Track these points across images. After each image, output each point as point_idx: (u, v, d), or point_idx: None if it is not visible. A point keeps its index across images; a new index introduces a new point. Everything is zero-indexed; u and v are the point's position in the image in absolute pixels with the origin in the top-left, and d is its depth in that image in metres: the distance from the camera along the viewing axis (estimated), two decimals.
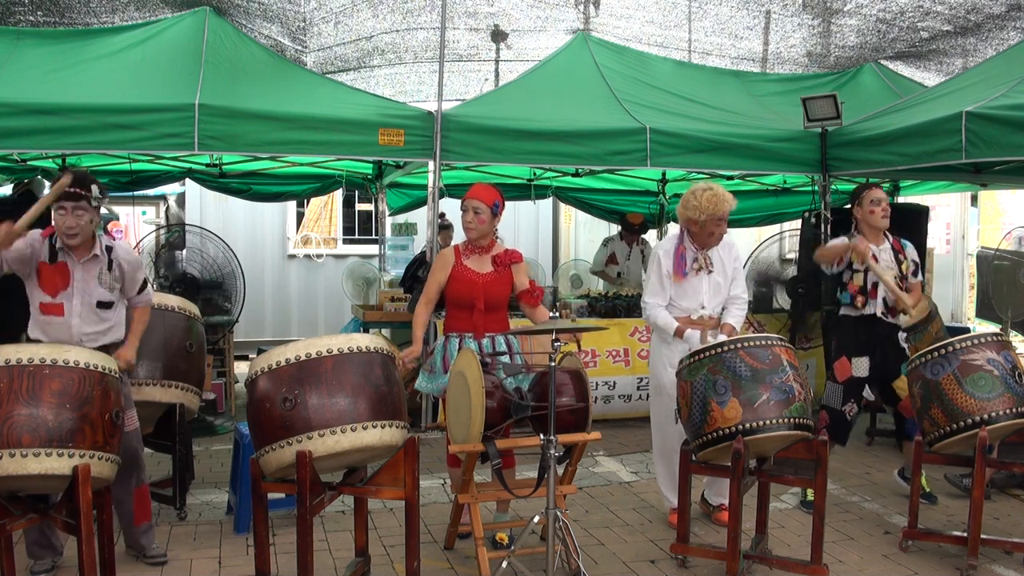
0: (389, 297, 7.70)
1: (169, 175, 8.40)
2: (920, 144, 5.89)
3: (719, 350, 3.82)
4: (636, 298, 7.20)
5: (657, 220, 9.66)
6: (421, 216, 9.62)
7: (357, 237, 11.68)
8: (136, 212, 12.03)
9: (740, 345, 3.81)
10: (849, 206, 5.08)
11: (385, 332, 7.83)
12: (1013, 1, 7.59)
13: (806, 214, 7.73)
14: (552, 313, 3.67)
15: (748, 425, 3.69)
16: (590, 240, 11.69)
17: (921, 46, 8.55)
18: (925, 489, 5.00)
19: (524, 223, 11.67)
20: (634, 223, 8.80)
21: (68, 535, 3.48)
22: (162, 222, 11.12)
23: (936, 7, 7.79)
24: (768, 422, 3.68)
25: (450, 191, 7.74)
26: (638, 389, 7.03)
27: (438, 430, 6.53)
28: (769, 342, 3.86)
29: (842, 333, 4.97)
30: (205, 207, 10.37)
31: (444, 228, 7.78)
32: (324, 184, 8.97)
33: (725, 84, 8.21)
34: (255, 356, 4.11)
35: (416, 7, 7.94)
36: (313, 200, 11.02)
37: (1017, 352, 4.23)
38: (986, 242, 10.67)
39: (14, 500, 3.29)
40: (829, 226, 7.10)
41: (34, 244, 3.76)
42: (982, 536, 4.04)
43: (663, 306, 4.53)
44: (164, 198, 11.30)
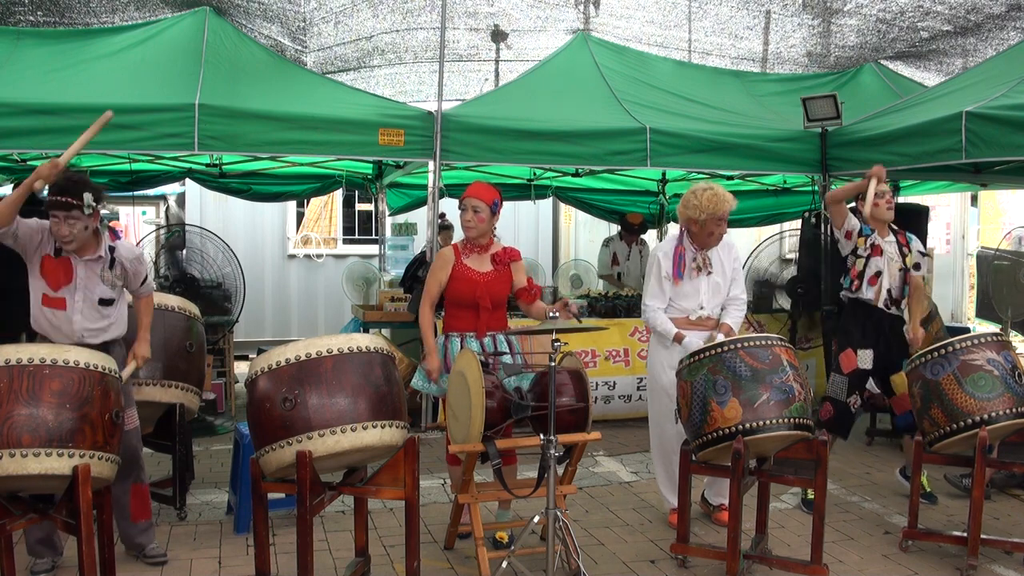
0: (389, 297, 7.70)
1: (169, 175, 8.41)
2: (920, 144, 5.89)
3: (719, 350, 3.82)
4: (636, 298, 7.20)
5: (657, 220, 9.67)
6: (421, 216, 9.62)
7: (357, 237, 11.68)
8: (136, 212, 12.02)
9: (740, 345, 3.81)
10: (853, 202, 5.08)
11: (385, 332, 7.83)
12: (1013, 1, 7.59)
13: (806, 214, 7.74)
14: (552, 313, 3.66)
15: (748, 425, 3.69)
16: (590, 240, 11.69)
17: (921, 46, 8.55)
18: (925, 489, 5.00)
19: (524, 223, 11.66)
20: (634, 223, 8.82)
21: (68, 535, 3.49)
22: (162, 222, 11.12)
23: (936, 7, 7.79)
24: (768, 422, 3.69)
25: (450, 191, 7.73)
26: (638, 389, 7.02)
27: (438, 430, 6.53)
28: (769, 342, 3.86)
29: (847, 324, 4.97)
30: (205, 207, 10.38)
31: (444, 228, 7.78)
32: (324, 184, 8.98)
33: (725, 84, 8.21)
34: (255, 356, 4.12)
35: (416, 7, 7.95)
36: (313, 200, 11.02)
37: (1017, 352, 4.23)
38: (986, 242, 10.66)
39: (14, 500, 3.29)
40: (829, 226, 7.10)
41: (43, 233, 3.78)
42: (982, 536, 4.04)
43: (662, 309, 4.52)
44: (164, 198, 11.30)
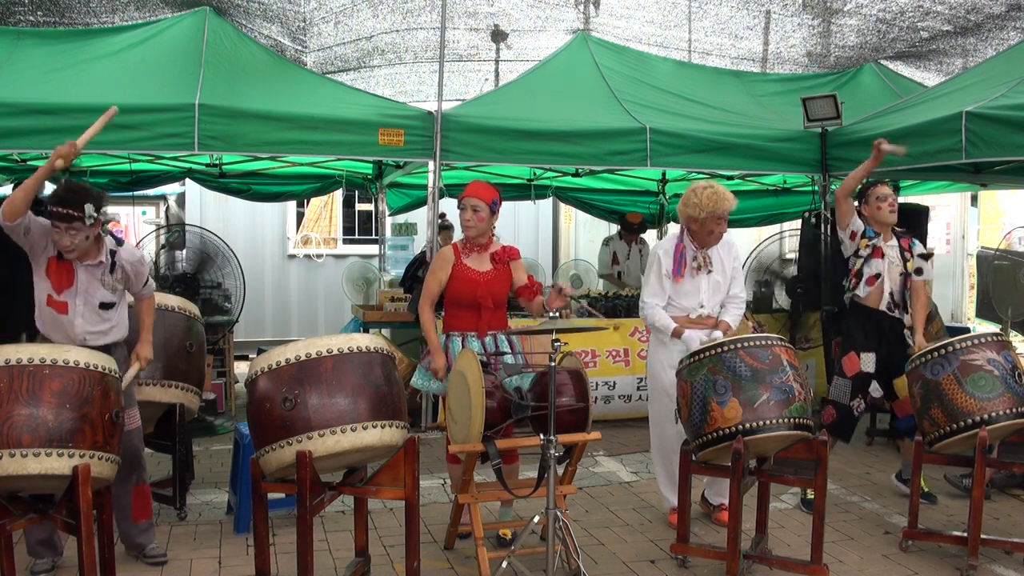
0: (389, 297, 7.70)
1: (169, 175, 8.41)
2: (920, 144, 5.88)
3: (719, 350, 3.82)
4: (636, 298, 7.19)
5: (657, 220, 9.67)
6: (421, 216, 9.62)
7: (357, 237, 11.68)
8: (136, 212, 12.01)
9: (740, 345, 3.81)
10: (856, 204, 5.08)
11: (385, 332, 7.83)
12: (1013, 1, 7.59)
13: (806, 214, 7.73)
14: (552, 313, 3.66)
15: (748, 425, 3.69)
16: (590, 240, 11.69)
17: (921, 46, 8.55)
18: (924, 489, 5.00)
19: (524, 223, 11.66)
20: (633, 223, 8.83)
21: (68, 535, 3.49)
22: (162, 222, 11.12)
23: (936, 7, 7.79)
24: (768, 422, 3.68)
25: (450, 191, 7.73)
26: (638, 389, 7.02)
27: (438, 430, 6.53)
28: (769, 342, 3.86)
29: (849, 327, 4.96)
30: (205, 207, 10.38)
31: (444, 228, 7.78)
32: (324, 184, 8.98)
33: (725, 84, 8.21)
34: (255, 356, 4.12)
35: (416, 7, 7.95)
36: (313, 200, 11.02)
37: (1017, 352, 4.22)
38: (986, 242, 10.65)
39: (14, 500, 3.29)
40: (829, 226, 7.10)
41: (50, 235, 3.78)
42: (982, 536, 4.04)
43: (661, 306, 4.52)
44: (164, 198, 11.30)
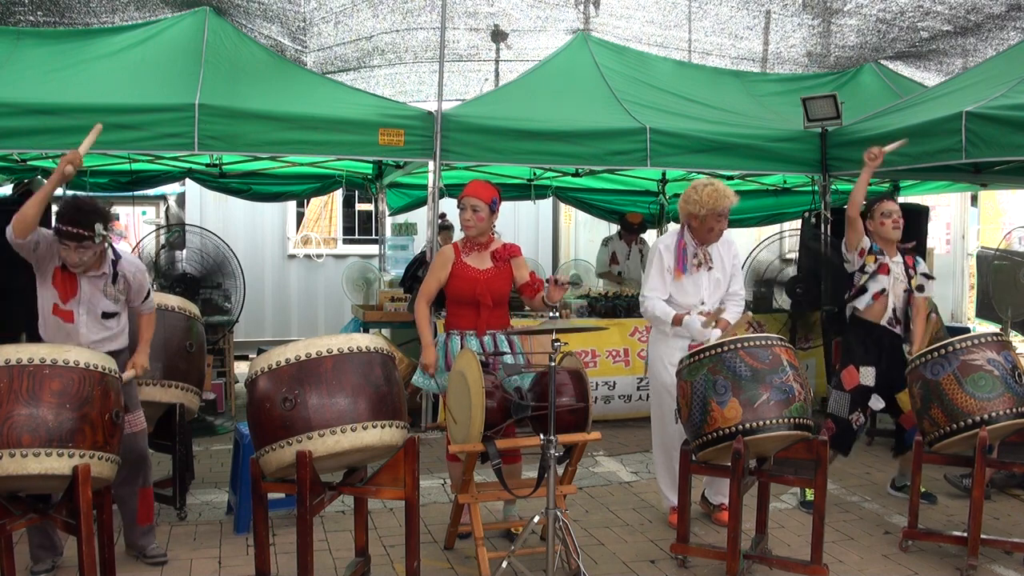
0: (389, 297, 7.70)
1: (169, 175, 8.41)
2: (920, 144, 5.88)
3: (719, 350, 3.82)
4: (636, 298, 7.20)
5: (657, 220, 9.66)
6: (421, 216, 9.62)
7: (357, 237, 11.68)
8: (136, 212, 12.02)
9: (740, 345, 3.81)
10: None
11: (385, 332, 7.83)
12: (1013, 1, 7.59)
13: (806, 214, 7.73)
14: (552, 312, 3.66)
15: (748, 425, 3.69)
16: (590, 240, 11.69)
17: (921, 46, 8.54)
18: (922, 489, 4.99)
19: (524, 223, 11.66)
20: (633, 222, 8.82)
21: (68, 535, 3.48)
22: (162, 222, 11.12)
23: (936, 7, 7.79)
24: (768, 422, 3.68)
25: (450, 191, 7.73)
26: (638, 389, 7.02)
27: (438, 430, 6.53)
28: (769, 342, 3.86)
29: (849, 341, 4.95)
30: (205, 207, 10.38)
31: (444, 228, 7.77)
32: (324, 184, 8.98)
33: (725, 84, 8.20)
34: (255, 356, 4.12)
35: (416, 7, 7.94)
36: (313, 200, 11.02)
37: (1017, 352, 4.22)
38: (986, 242, 10.65)
39: (14, 500, 3.29)
40: (829, 226, 7.10)
41: (56, 246, 3.79)
42: (982, 536, 4.04)
43: (662, 299, 4.51)
44: (164, 198, 11.31)
